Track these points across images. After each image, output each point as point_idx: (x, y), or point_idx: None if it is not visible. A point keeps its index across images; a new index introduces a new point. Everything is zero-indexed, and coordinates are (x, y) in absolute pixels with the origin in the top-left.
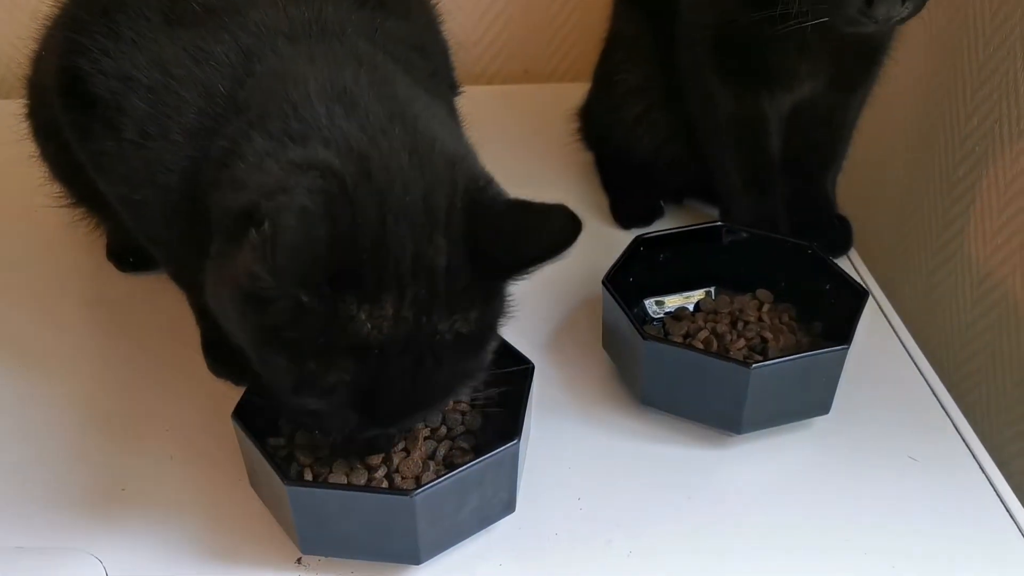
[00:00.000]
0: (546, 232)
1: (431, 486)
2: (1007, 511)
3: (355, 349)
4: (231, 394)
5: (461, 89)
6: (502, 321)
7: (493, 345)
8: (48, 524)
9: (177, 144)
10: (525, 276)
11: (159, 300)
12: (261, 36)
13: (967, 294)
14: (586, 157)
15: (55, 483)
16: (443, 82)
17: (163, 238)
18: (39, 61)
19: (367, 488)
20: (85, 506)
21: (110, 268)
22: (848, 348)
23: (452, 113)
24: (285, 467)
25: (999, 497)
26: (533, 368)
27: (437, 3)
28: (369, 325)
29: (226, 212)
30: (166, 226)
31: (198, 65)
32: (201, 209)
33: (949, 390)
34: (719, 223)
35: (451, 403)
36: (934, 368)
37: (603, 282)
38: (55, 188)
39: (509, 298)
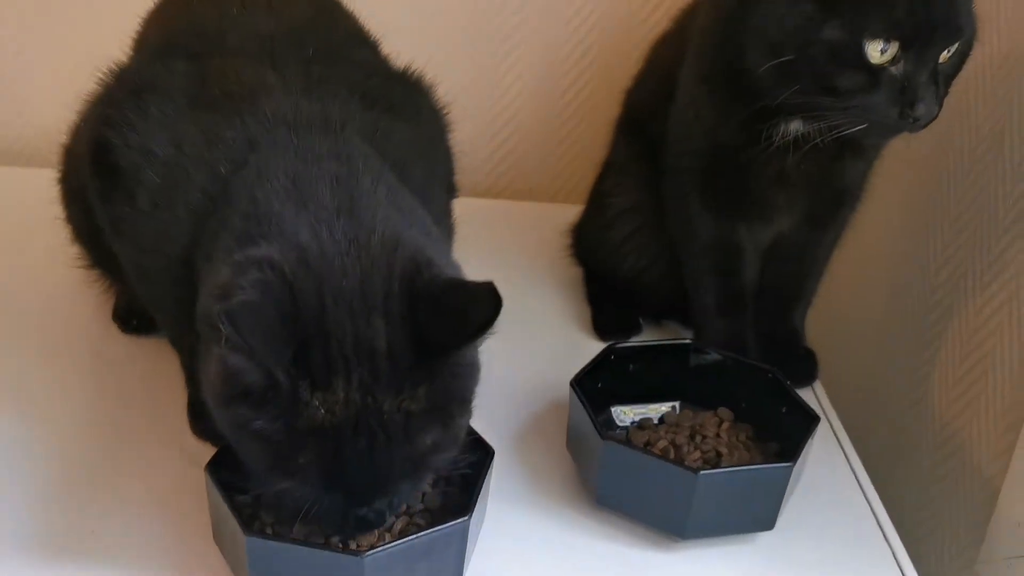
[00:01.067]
0: (471, 311)
1: (380, 549)
2: None
3: (314, 432)
4: (207, 454)
5: (458, 192)
6: (467, 396)
7: (462, 421)
8: (19, 559)
9: (181, 219)
10: (461, 352)
11: (153, 362)
12: (266, 125)
13: (930, 441)
14: (575, 272)
15: (30, 521)
16: (440, 184)
17: (164, 303)
18: (78, 132)
19: (321, 546)
20: (55, 545)
21: (114, 328)
22: (793, 466)
23: (441, 209)
24: (248, 523)
25: None
26: (493, 453)
27: (447, 112)
28: (323, 410)
29: (201, 317)
30: (168, 292)
31: (208, 147)
32: (196, 284)
33: (899, 527)
34: (688, 341)
35: None
36: (893, 506)
37: (571, 383)
38: (74, 250)
39: (466, 372)
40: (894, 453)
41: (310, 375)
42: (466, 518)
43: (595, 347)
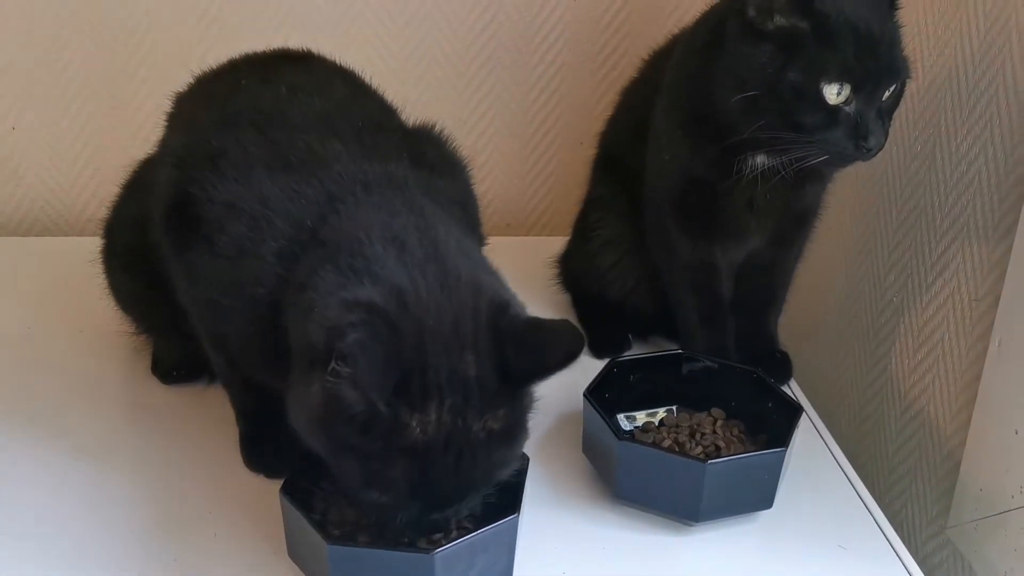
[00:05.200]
0: (559, 346)
1: (448, 547)
2: None
3: (408, 450)
4: (260, 483)
5: (487, 241)
6: (529, 417)
7: (524, 439)
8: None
9: (268, 263)
10: (544, 380)
11: (197, 408)
12: (344, 184)
13: (893, 423)
14: (564, 298)
15: (117, 555)
16: (476, 231)
17: (235, 339)
18: (120, 208)
19: (396, 547)
20: (142, 574)
21: (154, 380)
22: (786, 450)
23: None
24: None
25: (908, 573)
26: (528, 460)
27: (471, 167)
28: (419, 430)
29: (303, 345)
30: (243, 328)
31: (292, 202)
32: (279, 319)
33: (880, 505)
34: (681, 351)
35: None
36: (866, 485)
37: (584, 394)
38: (115, 313)
39: (531, 398)
40: (863, 437)
41: (408, 401)
42: (516, 515)
43: (590, 364)
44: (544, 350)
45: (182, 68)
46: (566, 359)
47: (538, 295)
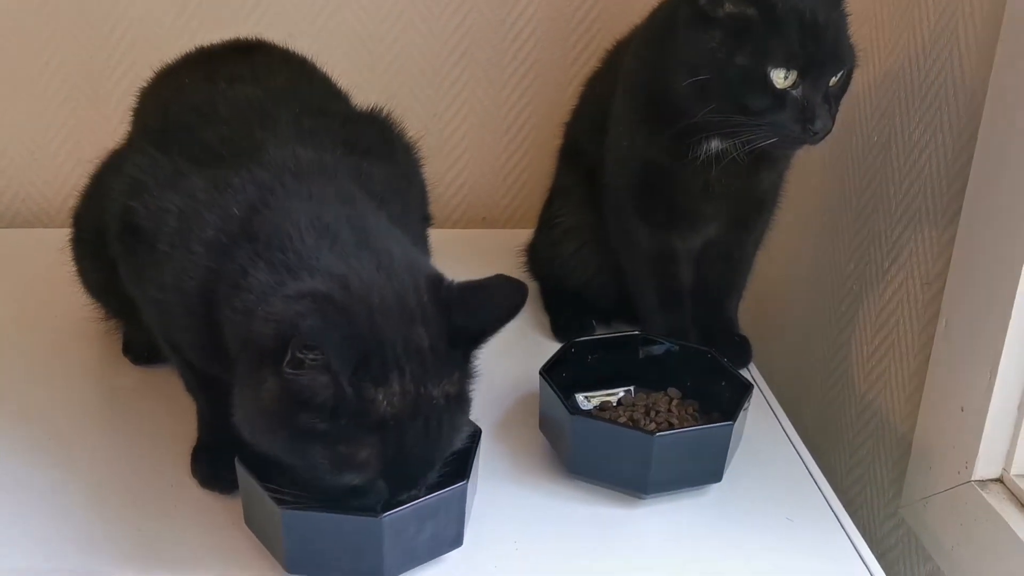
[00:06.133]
0: (501, 299)
1: (397, 511)
2: (858, 555)
3: (379, 424)
4: None
5: (432, 221)
6: (473, 383)
7: (469, 406)
8: (80, 553)
9: (197, 254)
10: (494, 334)
11: (165, 388)
12: (273, 171)
13: (853, 408)
14: (532, 285)
15: (84, 525)
16: (415, 213)
17: (180, 335)
18: (88, 197)
19: (346, 511)
20: (107, 542)
21: (125, 361)
22: (732, 425)
23: (419, 237)
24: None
25: (852, 544)
26: (480, 431)
27: (418, 150)
28: (385, 403)
29: (248, 344)
30: (185, 324)
31: (219, 192)
32: (214, 316)
33: (833, 485)
34: (638, 333)
35: None
36: (828, 470)
37: (540, 372)
38: (88, 300)
39: (475, 363)
40: (826, 424)
41: (371, 377)
42: (464, 482)
43: (554, 347)
44: (487, 307)
45: (161, 63)
46: (512, 310)
47: None
